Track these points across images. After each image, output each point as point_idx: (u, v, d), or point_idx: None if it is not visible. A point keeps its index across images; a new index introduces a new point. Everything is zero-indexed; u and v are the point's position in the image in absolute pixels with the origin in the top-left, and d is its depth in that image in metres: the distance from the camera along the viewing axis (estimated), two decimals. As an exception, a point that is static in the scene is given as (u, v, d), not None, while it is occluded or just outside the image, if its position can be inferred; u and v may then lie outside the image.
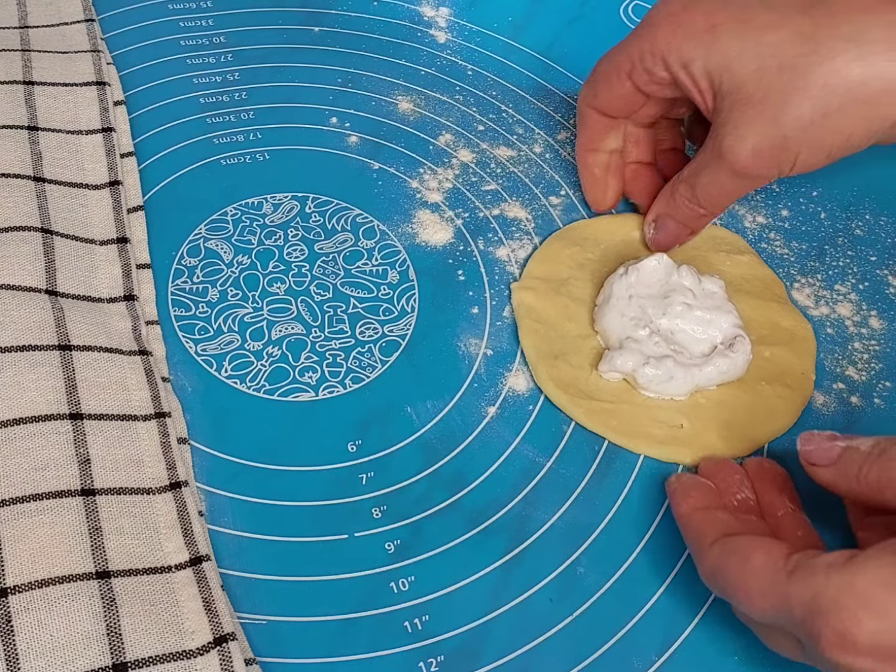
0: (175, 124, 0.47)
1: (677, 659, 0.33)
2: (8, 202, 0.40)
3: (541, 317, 0.41)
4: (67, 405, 0.35)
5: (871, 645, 0.27)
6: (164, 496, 0.34)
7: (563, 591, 0.34)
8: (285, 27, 0.53)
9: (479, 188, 0.47)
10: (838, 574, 0.27)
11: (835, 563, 0.28)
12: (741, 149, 0.38)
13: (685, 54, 0.38)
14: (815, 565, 0.28)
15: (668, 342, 0.39)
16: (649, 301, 0.40)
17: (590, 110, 0.43)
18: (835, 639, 0.27)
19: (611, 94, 0.42)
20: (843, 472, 0.32)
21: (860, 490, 0.31)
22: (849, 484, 0.31)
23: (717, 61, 0.38)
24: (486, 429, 0.39)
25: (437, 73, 0.52)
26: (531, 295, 0.42)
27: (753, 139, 0.37)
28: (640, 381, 0.39)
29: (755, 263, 0.45)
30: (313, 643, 0.32)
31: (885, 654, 0.27)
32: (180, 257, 0.42)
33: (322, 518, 0.35)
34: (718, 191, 0.40)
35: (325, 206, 0.45)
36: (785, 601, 0.28)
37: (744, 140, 0.37)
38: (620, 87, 0.41)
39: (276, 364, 0.39)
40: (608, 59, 0.42)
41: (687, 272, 0.41)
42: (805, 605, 0.28)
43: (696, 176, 0.40)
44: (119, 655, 0.29)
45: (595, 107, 0.43)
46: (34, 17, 0.49)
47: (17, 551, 0.31)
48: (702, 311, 0.40)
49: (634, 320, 0.40)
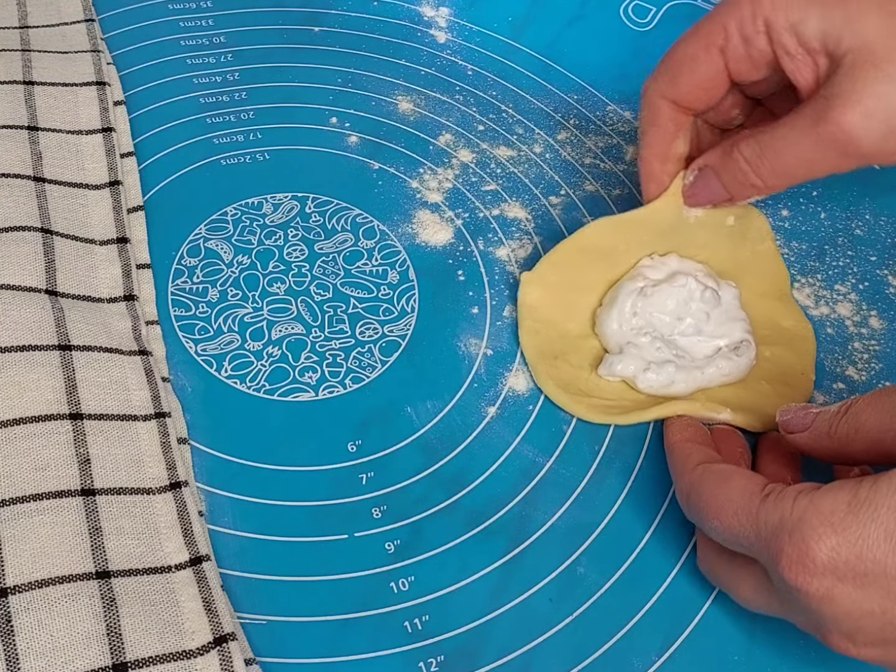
0: (175, 124, 0.47)
1: (677, 659, 0.33)
2: (8, 202, 0.40)
3: (542, 317, 0.41)
4: (67, 405, 0.35)
5: (829, 561, 0.27)
6: (164, 496, 0.34)
7: (563, 591, 0.34)
8: (285, 27, 0.53)
9: (479, 188, 0.47)
10: (805, 497, 0.29)
11: (804, 490, 0.29)
12: (855, 116, 0.33)
13: (794, 14, 0.34)
14: (787, 492, 0.29)
15: (670, 347, 0.39)
16: (658, 317, 0.40)
17: (664, 103, 0.38)
18: (795, 555, 0.28)
19: (695, 77, 0.37)
20: (817, 434, 0.33)
21: (832, 446, 0.33)
22: (822, 442, 0.33)
23: (836, 19, 0.34)
24: (486, 429, 0.39)
25: (437, 73, 0.52)
26: (538, 290, 0.41)
27: (877, 106, 0.33)
28: (641, 385, 0.39)
29: (769, 255, 0.44)
30: (313, 643, 0.32)
31: (842, 573, 0.27)
32: (180, 257, 0.42)
33: (322, 518, 0.35)
34: (795, 161, 0.35)
35: (325, 206, 0.45)
36: (754, 522, 0.30)
37: (862, 107, 0.33)
38: (709, 66, 0.37)
39: (276, 364, 0.39)
40: (693, 37, 0.37)
41: (710, 298, 0.40)
42: (771, 526, 0.29)
43: (773, 138, 0.35)
44: (119, 655, 0.29)
45: (673, 97, 0.38)
46: (34, 17, 0.49)
47: (17, 551, 0.31)
48: (714, 325, 0.40)
49: (636, 329, 0.39)
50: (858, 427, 0.32)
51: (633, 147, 0.50)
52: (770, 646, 0.34)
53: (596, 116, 0.51)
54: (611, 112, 0.51)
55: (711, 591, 0.35)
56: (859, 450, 0.32)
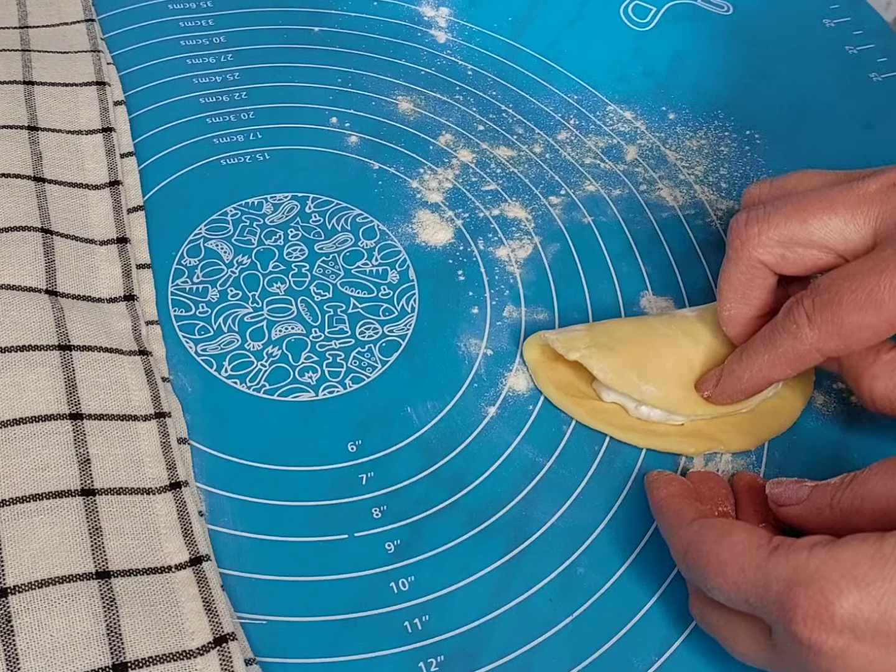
0: (175, 124, 0.47)
1: (677, 659, 0.33)
2: (8, 202, 0.40)
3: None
4: (67, 405, 0.35)
5: (849, 618, 0.26)
6: (164, 496, 0.34)
7: (563, 591, 0.34)
8: (285, 27, 0.53)
9: (479, 188, 0.47)
10: (823, 548, 0.27)
11: (819, 542, 0.28)
12: None
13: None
14: (799, 544, 0.28)
15: None
16: None
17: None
18: (812, 610, 0.26)
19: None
20: (815, 506, 0.32)
21: (833, 517, 0.31)
22: (821, 515, 0.32)
23: None
24: (486, 429, 0.39)
25: (437, 73, 0.52)
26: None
27: None
28: (635, 415, 0.39)
29: None
30: (313, 643, 0.32)
31: (861, 632, 0.26)
32: (180, 257, 0.42)
33: (322, 518, 0.35)
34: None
35: (325, 206, 0.45)
36: (762, 576, 0.28)
37: None
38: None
39: (276, 364, 0.39)
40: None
41: None
42: (784, 579, 0.27)
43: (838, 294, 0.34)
44: (119, 655, 0.29)
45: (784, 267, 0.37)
46: (34, 17, 0.49)
47: (17, 551, 0.31)
48: None
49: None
50: (865, 496, 0.30)
51: (633, 147, 0.50)
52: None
53: (596, 116, 0.51)
54: (611, 112, 0.51)
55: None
56: (865, 521, 0.30)
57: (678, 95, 0.53)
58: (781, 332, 0.35)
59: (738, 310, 0.38)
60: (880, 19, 0.58)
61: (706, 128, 0.51)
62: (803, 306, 0.35)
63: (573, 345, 0.38)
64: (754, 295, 0.37)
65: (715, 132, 0.51)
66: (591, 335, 0.39)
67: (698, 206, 0.48)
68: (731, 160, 0.50)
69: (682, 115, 0.52)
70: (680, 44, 0.55)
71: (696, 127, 0.51)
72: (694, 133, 0.51)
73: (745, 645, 0.30)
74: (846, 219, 0.35)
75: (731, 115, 0.52)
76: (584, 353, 0.38)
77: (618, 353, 0.38)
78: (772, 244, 0.36)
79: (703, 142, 0.51)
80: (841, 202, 0.35)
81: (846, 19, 0.57)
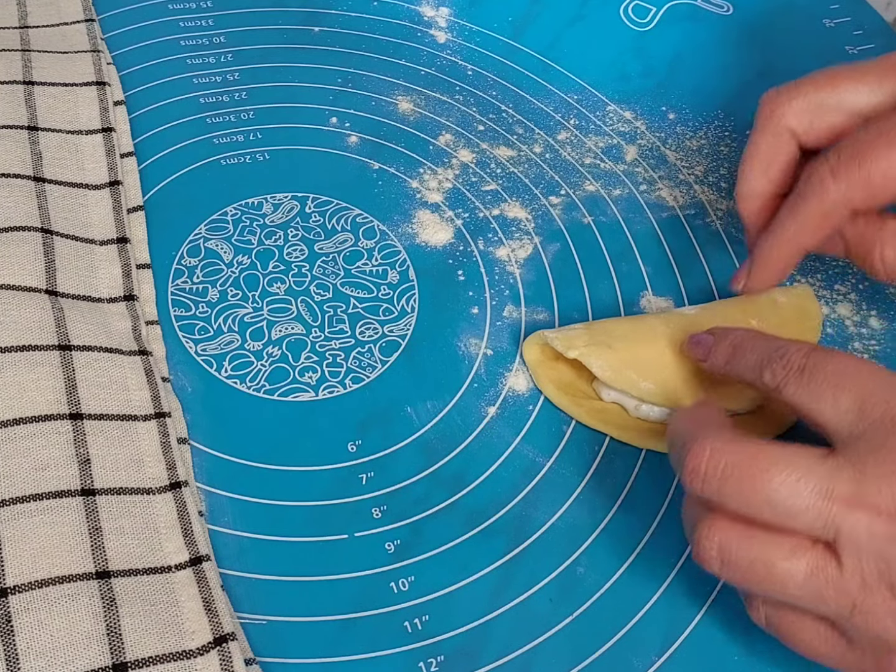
0: (175, 124, 0.47)
1: (677, 659, 0.33)
2: (8, 202, 0.40)
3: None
4: (67, 405, 0.35)
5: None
6: (164, 496, 0.34)
7: (563, 591, 0.34)
8: (285, 27, 0.53)
9: (479, 188, 0.47)
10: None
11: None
12: None
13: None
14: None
15: None
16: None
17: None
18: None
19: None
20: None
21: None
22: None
23: None
24: (486, 429, 0.39)
25: (437, 73, 0.52)
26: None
27: None
28: (635, 415, 0.39)
29: (812, 330, 0.42)
30: (313, 643, 0.32)
31: None
32: (180, 257, 0.42)
33: (322, 518, 0.35)
34: None
35: (325, 206, 0.45)
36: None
37: None
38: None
39: (276, 364, 0.39)
40: None
41: None
42: None
43: None
44: (119, 655, 0.29)
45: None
46: (34, 17, 0.49)
47: (18, 551, 0.31)
48: None
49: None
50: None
51: (633, 147, 0.50)
52: (770, 646, 0.34)
53: (596, 116, 0.51)
54: (611, 112, 0.51)
55: (711, 592, 0.35)
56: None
57: (678, 95, 0.53)
58: (806, 192, 0.36)
59: (757, 182, 0.38)
60: (880, 19, 0.58)
61: (706, 128, 0.51)
62: (827, 162, 0.35)
63: (572, 343, 0.38)
64: (776, 169, 0.38)
65: (715, 132, 0.51)
66: (590, 333, 0.39)
67: (698, 206, 0.48)
68: (731, 160, 0.50)
69: (682, 115, 0.52)
70: (680, 44, 0.55)
71: (696, 127, 0.51)
72: (694, 133, 0.51)
73: (813, 642, 0.30)
74: (875, 86, 0.36)
75: (731, 115, 0.52)
76: (583, 351, 0.38)
77: (616, 351, 0.38)
78: (801, 111, 0.37)
79: (703, 142, 0.51)
80: (871, 70, 0.37)
81: (846, 19, 0.57)
